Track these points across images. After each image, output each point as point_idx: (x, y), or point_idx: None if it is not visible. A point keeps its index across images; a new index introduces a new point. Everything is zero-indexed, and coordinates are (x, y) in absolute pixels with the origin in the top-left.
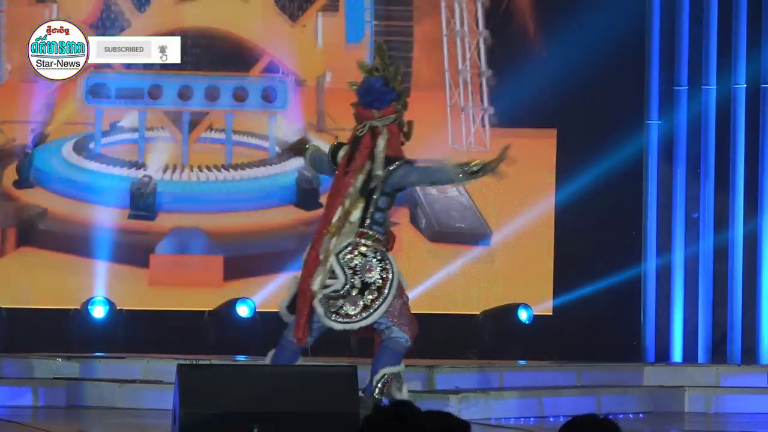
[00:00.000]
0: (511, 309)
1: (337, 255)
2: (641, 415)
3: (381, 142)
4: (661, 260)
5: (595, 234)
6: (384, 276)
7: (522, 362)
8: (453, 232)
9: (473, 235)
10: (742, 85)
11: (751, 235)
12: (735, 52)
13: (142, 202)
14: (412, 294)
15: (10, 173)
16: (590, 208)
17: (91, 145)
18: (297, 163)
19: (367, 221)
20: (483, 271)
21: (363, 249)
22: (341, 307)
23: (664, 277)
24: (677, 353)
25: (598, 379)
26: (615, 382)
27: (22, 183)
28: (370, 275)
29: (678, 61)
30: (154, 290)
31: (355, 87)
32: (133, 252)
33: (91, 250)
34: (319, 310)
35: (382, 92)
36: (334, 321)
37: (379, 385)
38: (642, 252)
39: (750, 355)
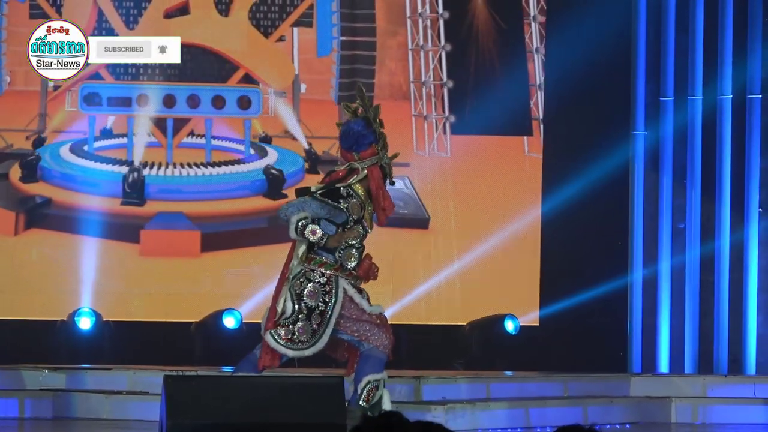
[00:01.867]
0: (498, 320)
1: (291, 282)
2: (628, 426)
3: (351, 178)
4: (647, 270)
5: (582, 244)
6: (327, 300)
7: (509, 373)
8: (398, 218)
9: (415, 219)
10: (728, 96)
11: (738, 245)
12: (721, 63)
13: (133, 191)
14: (399, 304)
15: (15, 171)
16: (577, 219)
17: (86, 148)
18: (266, 162)
19: (315, 247)
20: (470, 281)
21: (309, 275)
22: (294, 334)
23: (651, 287)
24: (664, 364)
25: (585, 390)
26: (601, 392)
27: (27, 178)
28: (312, 301)
29: (664, 72)
30: (142, 297)
31: (341, 126)
32: (125, 230)
33: (89, 229)
34: (268, 339)
35: (361, 135)
36: (288, 348)
37: (365, 392)
38: (628, 262)
39: (736, 365)
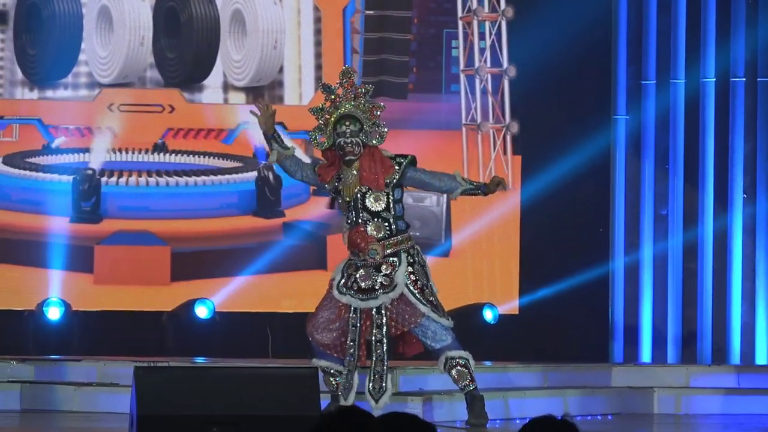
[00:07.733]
0: (477, 309)
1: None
2: (610, 417)
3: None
4: (629, 258)
5: (562, 232)
6: None
7: (487, 363)
8: None
9: None
10: (711, 79)
11: (721, 232)
12: (704, 46)
13: (86, 202)
14: None
15: None
16: (557, 206)
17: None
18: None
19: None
20: (448, 270)
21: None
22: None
23: (633, 275)
24: (646, 353)
25: (565, 380)
26: (582, 383)
27: None
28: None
29: (646, 55)
30: (110, 289)
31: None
32: (76, 257)
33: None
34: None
35: None
36: None
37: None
38: (610, 250)
39: (720, 354)
